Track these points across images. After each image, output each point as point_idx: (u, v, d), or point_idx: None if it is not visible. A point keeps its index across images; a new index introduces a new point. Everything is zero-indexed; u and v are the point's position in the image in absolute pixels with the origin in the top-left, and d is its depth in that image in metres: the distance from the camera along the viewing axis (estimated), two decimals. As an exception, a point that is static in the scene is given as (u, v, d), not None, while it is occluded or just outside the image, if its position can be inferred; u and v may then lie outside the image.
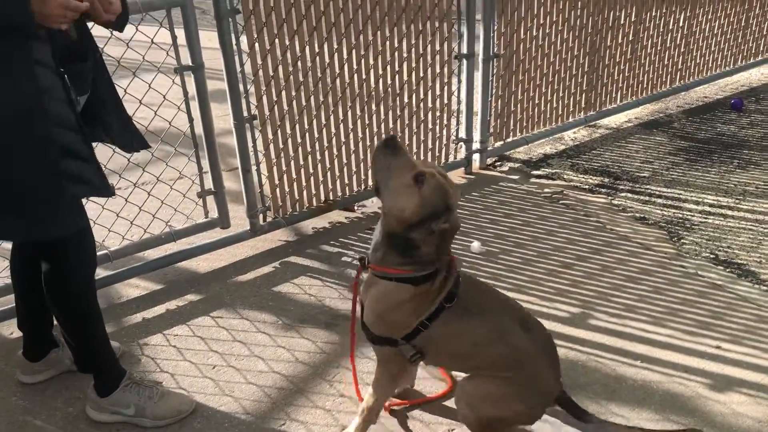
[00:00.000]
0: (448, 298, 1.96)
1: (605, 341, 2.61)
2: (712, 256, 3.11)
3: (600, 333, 2.65)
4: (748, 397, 2.33)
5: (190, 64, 2.89)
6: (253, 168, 3.25)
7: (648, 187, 3.72)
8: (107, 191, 2.06)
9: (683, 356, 2.53)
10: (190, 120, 3.04)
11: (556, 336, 2.59)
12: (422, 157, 3.75)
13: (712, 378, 2.42)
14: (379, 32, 3.34)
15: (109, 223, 3.07)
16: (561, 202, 3.62)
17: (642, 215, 3.45)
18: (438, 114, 3.72)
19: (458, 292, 1.97)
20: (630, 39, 4.32)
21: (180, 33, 2.86)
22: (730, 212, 3.45)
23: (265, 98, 3.12)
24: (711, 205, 3.51)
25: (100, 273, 2.99)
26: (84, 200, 2.15)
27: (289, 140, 3.28)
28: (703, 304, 2.80)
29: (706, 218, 3.40)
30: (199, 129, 3.07)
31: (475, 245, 3.23)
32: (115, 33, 2.21)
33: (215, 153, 3.12)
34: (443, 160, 3.86)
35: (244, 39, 3.00)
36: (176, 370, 2.56)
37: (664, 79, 4.65)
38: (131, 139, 2.21)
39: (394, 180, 1.84)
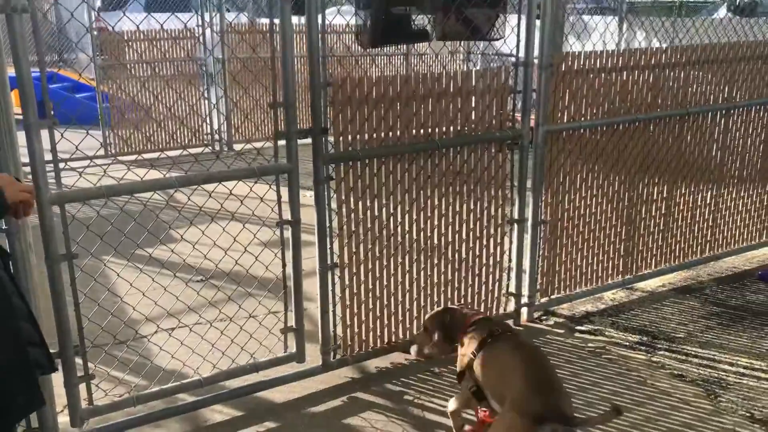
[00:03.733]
0: (489, 334, 2.94)
1: (652, 487, 2.84)
2: (748, 414, 3.36)
3: (646, 479, 2.89)
4: None
5: (290, 219, 3.42)
6: (330, 310, 3.68)
7: (684, 347, 4.03)
8: (53, 369, 2.23)
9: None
10: (284, 265, 3.52)
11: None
12: (475, 308, 4.16)
13: None
14: (444, 198, 3.89)
15: (204, 351, 3.48)
16: (604, 356, 3.94)
17: (680, 372, 3.75)
18: (491, 270, 4.17)
19: (495, 330, 2.95)
20: (663, 212, 4.82)
21: (284, 192, 3.42)
22: (763, 375, 3.72)
23: (346, 250, 3.62)
24: (745, 367, 3.80)
25: (189, 399, 3.37)
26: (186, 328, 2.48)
27: (362, 286, 3.74)
28: (741, 459, 3.03)
29: (740, 379, 3.68)
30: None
31: (527, 391, 3.55)
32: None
33: (301, 295, 3.57)
34: (494, 311, 4.25)
35: (333, 202, 3.55)
36: None
37: (694, 249, 5.09)
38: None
39: (425, 341, 3.29)
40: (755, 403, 3.46)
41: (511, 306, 4.36)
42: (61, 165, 2.84)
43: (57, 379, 3.01)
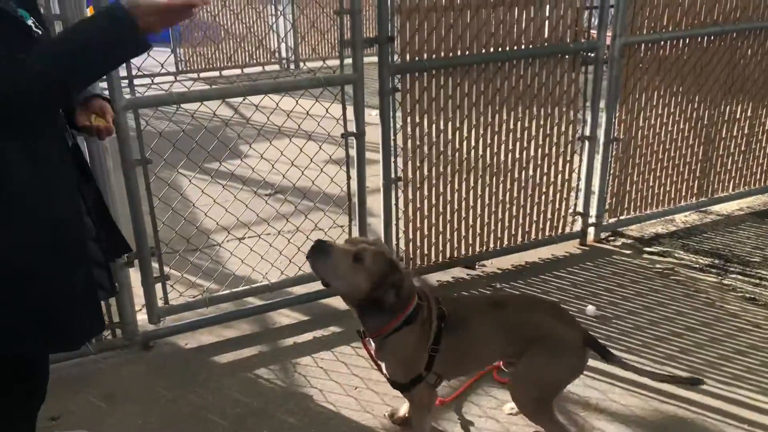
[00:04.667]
0: (439, 317, 2.33)
1: (713, 404, 2.81)
2: (821, 339, 3.25)
3: (709, 396, 2.86)
4: None
5: (355, 131, 3.43)
6: (393, 223, 3.72)
7: (759, 271, 3.89)
8: (114, 292, 2.16)
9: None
10: (348, 178, 3.55)
11: (666, 394, 2.85)
12: (541, 227, 4.11)
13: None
14: (512, 113, 3.79)
15: (272, 258, 3.60)
16: (672, 278, 3.86)
17: (752, 296, 3.63)
18: (559, 188, 4.09)
19: (444, 310, 2.36)
20: (745, 132, 4.57)
21: (348, 108, 3.41)
22: (841, 301, 3.57)
23: (410, 164, 3.61)
24: (822, 293, 3.65)
25: (257, 302, 3.53)
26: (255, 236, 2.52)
27: (425, 201, 3.74)
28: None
29: (816, 304, 3.55)
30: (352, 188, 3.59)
31: (590, 309, 3.52)
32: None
33: (364, 208, 3.61)
34: (559, 231, 4.19)
35: (398, 114, 3.52)
36: (324, 387, 2.98)
37: (777, 172, 4.84)
38: (116, 246, 2.22)
39: (339, 269, 2.17)
40: (831, 328, 3.34)
41: (578, 226, 4.29)
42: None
43: (135, 279, 3.20)
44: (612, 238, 4.37)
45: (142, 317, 3.30)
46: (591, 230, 4.30)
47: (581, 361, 2.41)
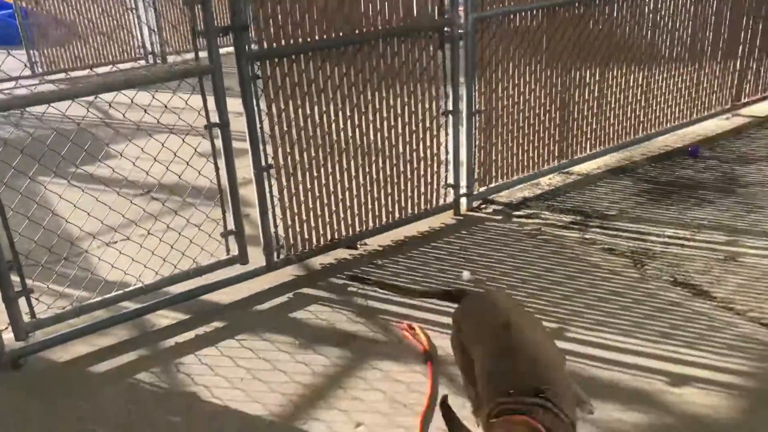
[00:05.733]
0: None
1: (579, 350, 3.03)
2: (671, 279, 3.57)
3: (575, 343, 3.07)
4: (699, 390, 2.75)
5: (218, 122, 3.37)
6: (269, 211, 3.70)
7: (615, 223, 4.20)
8: None
9: (647, 360, 2.94)
10: (216, 170, 3.49)
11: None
12: (416, 201, 4.23)
13: (670, 377, 2.84)
14: (377, 93, 3.86)
15: (144, 260, 3.49)
16: (539, 237, 4.09)
17: (610, 247, 3.92)
18: (429, 163, 4.22)
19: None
20: (596, 95, 4.89)
21: (209, 98, 3.35)
22: (687, 243, 3.93)
23: (280, 150, 3.60)
24: (671, 237, 4.00)
25: (132, 306, 3.42)
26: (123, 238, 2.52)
27: (300, 186, 3.75)
28: (664, 318, 3.24)
29: (666, 248, 3.88)
30: (222, 179, 3.53)
31: (465, 274, 3.69)
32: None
33: (237, 198, 3.57)
34: (433, 204, 4.33)
35: (262, 102, 3.50)
36: (209, 383, 2.95)
37: (628, 131, 5.21)
38: None
39: None
40: (678, 268, 3.66)
41: (451, 197, 4.45)
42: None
43: (-4, 297, 3.02)
44: (483, 206, 4.57)
45: (8, 336, 3.11)
46: (463, 200, 4.48)
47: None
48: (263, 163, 3.58)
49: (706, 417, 2.60)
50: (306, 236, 3.87)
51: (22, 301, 3.06)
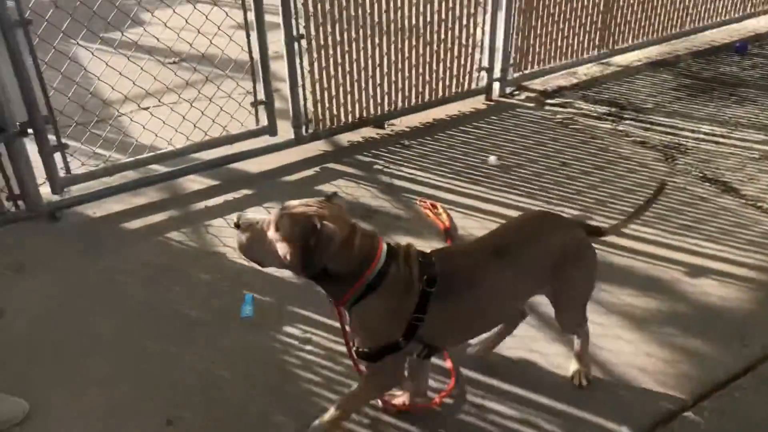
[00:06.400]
0: (427, 281, 1.86)
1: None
2: (701, 174, 3.52)
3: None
4: (715, 281, 2.78)
5: (251, -14, 3.28)
6: (299, 84, 3.67)
7: (650, 116, 4.11)
8: None
9: (666, 250, 2.96)
10: (248, 37, 3.44)
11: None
12: (447, 84, 4.16)
13: (688, 267, 2.86)
14: (415, -35, 3.71)
15: (175, 125, 3.53)
16: (571, 126, 4.03)
17: (642, 140, 3.86)
18: (464, 44, 4.10)
19: (436, 272, 1.87)
20: (644, -18, 4.65)
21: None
22: (722, 140, 3.84)
23: (312, 21, 3.53)
24: (705, 134, 3.91)
25: (164, 169, 3.49)
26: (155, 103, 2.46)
27: (331, 60, 3.70)
28: (688, 212, 3.23)
29: (699, 144, 3.81)
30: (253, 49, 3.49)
31: (492, 159, 3.67)
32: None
33: (268, 67, 3.54)
34: (465, 87, 4.26)
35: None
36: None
37: (674, 23, 4.98)
38: None
39: (264, 245, 1.81)
40: (709, 164, 3.61)
41: (484, 81, 4.36)
42: None
43: (32, 151, 3.09)
44: (516, 92, 4.48)
45: (46, 190, 3.22)
46: (496, 85, 4.39)
47: (593, 249, 2.16)
48: (295, 32, 3.51)
49: (719, 307, 2.65)
50: (334, 112, 3.86)
51: (57, 157, 3.14)
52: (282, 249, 1.78)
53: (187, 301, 2.70)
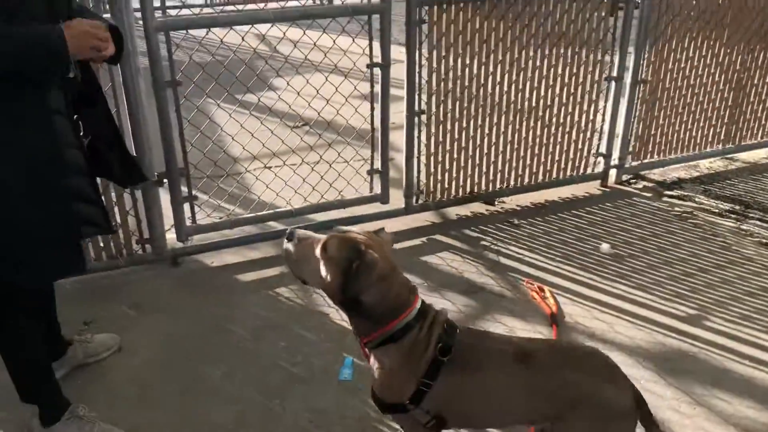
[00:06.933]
0: (442, 351, 1.81)
1: (717, 340, 2.88)
2: (834, 285, 3.28)
3: (713, 333, 2.93)
4: None
5: (380, 62, 3.46)
6: (415, 156, 3.78)
7: (778, 218, 3.91)
8: (110, 230, 2.19)
9: (791, 363, 2.76)
10: (372, 109, 3.61)
11: (671, 329, 2.93)
12: (563, 166, 4.14)
13: (816, 384, 2.65)
14: (539, 51, 3.78)
15: (295, 186, 3.70)
16: (690, 221, 3.89)
17: (768, 242, 3.66)
18: (582, 129, 4.10)
19: (453, 343, 1.82)
20: (778, 79, 4.50)
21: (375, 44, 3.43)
22: None
23: (434, 97, 3.65)
24: (841, 242, 3.66)
25: (280, 226, 3.65)
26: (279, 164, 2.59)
27: (448, 135, 3.79)
28: (819, 324, 3.00)
29: (833, 252, 3.56)
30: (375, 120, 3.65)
31: (605, 247, 3.59)
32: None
33: (387, 139, 3.68)
34: (581, 171, 4.22)
35: (424, 48, 3.54)
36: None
37: (809, 122, 4.76)
38: (129, 174, 2.30)
39: (308, 262, 1.83)
40: None
41: (600, 167, 4.31)
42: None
43: (165, 200, 3.34)
44: (633, 180, 4.39)
45: (171, 236, 3.44)
46: (613, 172, 4.32)
47: (632, 427, 1.81)
48: (416, 107, 3.64)
49: None
50: (446, 186, 3.92)
51: (186, 206, 3.37)
52: (324, 268, 1.80)
53: (289, 357, 2.77)
